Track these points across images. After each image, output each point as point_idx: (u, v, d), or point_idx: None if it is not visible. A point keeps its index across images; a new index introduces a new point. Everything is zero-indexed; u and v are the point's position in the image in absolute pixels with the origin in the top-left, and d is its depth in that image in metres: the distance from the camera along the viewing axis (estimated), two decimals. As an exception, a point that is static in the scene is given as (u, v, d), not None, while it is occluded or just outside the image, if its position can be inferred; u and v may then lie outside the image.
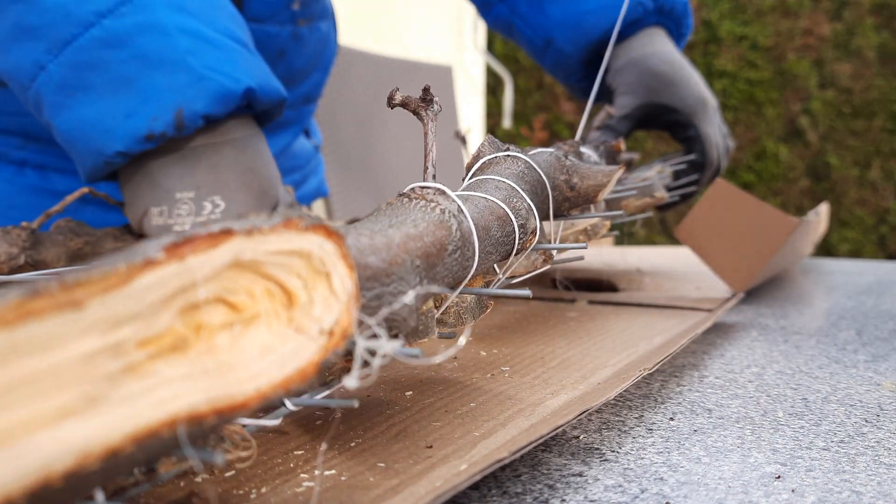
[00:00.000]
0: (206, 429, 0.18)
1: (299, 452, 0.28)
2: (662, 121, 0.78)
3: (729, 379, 0.41)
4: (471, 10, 3.47)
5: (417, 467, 0.26)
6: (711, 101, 0.79)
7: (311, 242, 0.20)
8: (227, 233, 0.18)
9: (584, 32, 0.78)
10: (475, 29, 3.51)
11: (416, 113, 0.33)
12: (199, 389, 0.18)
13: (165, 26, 0.48)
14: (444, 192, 0.30)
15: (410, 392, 0.36)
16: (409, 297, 0.25)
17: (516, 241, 0.34)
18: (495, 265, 0.36)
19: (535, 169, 0.38)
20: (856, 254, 3.36)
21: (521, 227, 0.34)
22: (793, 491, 0.27)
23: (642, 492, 0.27)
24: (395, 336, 0.25)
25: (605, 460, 0.30)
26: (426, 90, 0.33)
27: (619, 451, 0.31)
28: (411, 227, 0.27)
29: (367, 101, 1.70)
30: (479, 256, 0.30)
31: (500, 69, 3.50)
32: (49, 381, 0.15)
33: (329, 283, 0.21)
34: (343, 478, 0.25)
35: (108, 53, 0.47)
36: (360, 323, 0.22)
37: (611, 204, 0.59)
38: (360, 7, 2.35)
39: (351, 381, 0.20)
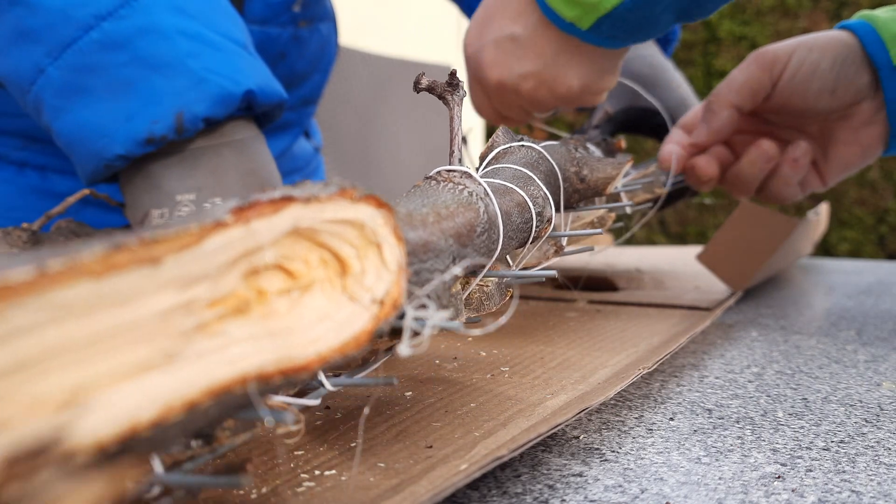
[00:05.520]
0: (273, 389, 0.19)
1: (300, 452, 0.28)
2: (648, 126, 0.78)
3: (729, 379, 0.41)
4: (470, 11, 3.47)
5: (417, 467, 0.26)
6: (694, 102, 0.78)
7: (364, 213, 0.21)
8: (287, 199, 0.19)
9: None
10: (474, 30, 3.50)
11: (441, 97, 0.33)
12: (265, 350, 0.18)
13: (165, 29, 0.48)
14: (470, 175, 0.30)
15: (410, 392, 0.36)
16: (458, 269, 0.25)
17: (533, 229, 0.34)
18: (508, 257, 0.36)
19: (548, 159, 0.38)
20: (855, 254, 3.36)
21: (538, 214, 0.34)
22: (793, 491, 0.27)
23: (642, 492, 0.27)
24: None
25: (605, 460, 0.30)
26: (453, 74, 0.33)
27: (619, 451, 0.31)
28: (442, 208, 0.28)
29: (367, 101, 1.70)
30: (503, 240, 0.31)
31: (499, 70, 3.49)
32: (130, 335, 0.16)
33: (380, 253, 0.21)
34: (343, 478, 0.25)
35: (108, 56, 0.47)
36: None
37: (614, 199, 0.60)
38: (359, 7, 2.35)
39: (404, 349, 0.21)
